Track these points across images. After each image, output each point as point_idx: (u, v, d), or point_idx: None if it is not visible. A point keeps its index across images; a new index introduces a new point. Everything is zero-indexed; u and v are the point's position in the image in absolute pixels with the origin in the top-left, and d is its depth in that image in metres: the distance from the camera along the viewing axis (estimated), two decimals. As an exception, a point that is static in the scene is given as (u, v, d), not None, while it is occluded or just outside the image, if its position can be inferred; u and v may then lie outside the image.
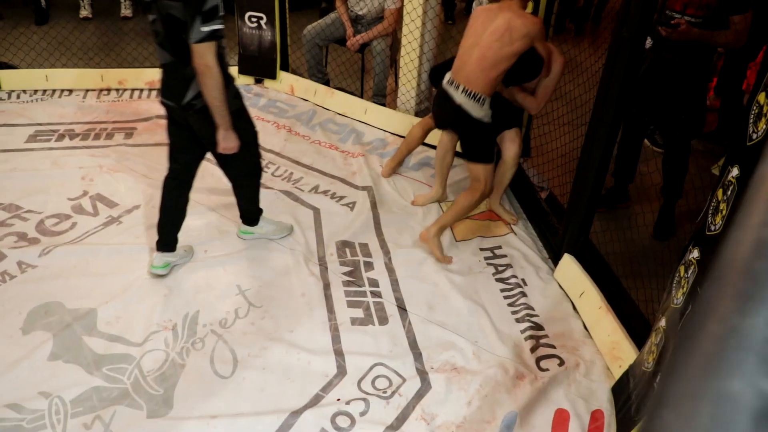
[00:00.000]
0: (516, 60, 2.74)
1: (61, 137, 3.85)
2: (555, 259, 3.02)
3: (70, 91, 4.37)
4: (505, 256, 3.13)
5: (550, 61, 2.90)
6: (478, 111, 2.84)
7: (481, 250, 3.16)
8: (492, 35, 2.75)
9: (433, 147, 3.84)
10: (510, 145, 3.22)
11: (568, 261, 2.87)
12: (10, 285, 2.73)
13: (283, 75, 4.58)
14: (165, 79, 2.40)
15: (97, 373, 2.33)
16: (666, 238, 3.26)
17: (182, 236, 2.89)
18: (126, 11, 5.66)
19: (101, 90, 4.42)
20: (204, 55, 2.20)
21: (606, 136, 2.54)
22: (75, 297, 2.68)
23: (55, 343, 2.43)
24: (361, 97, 4.38)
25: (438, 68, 3.64)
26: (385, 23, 4.24)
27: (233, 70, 4.50)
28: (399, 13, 4.13)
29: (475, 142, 2.97)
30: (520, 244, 3.21)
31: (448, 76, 2.94)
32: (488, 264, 3.07)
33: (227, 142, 2.43)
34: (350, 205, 3.41)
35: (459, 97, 2.85)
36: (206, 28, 2.15)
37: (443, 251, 3.07)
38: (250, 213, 3.02)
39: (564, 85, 3.21)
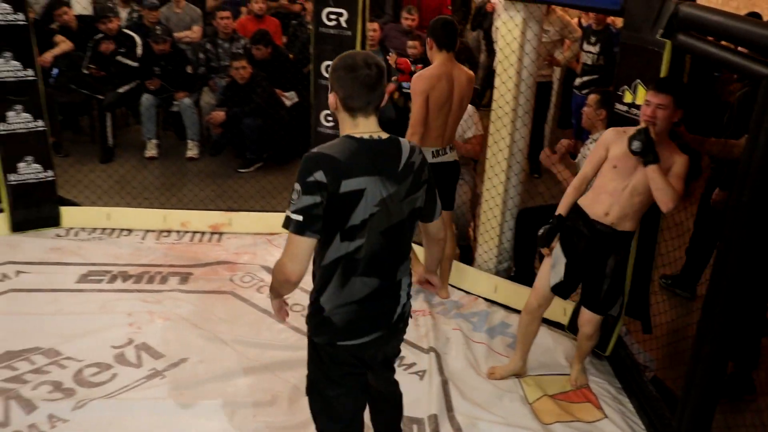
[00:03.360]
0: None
1: (113, 279, 3.98)
2: (668, 457, 2.77)
3: (130, 230, 4.57)
4: (600, 448, 2.91)
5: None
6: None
7: (571, 438, 2.96)
8: None
9: (515, 311, 3.77)
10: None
11: (683, 461, 2.61)
12: (37, 441, 2.70)
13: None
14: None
15: None
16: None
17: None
18: (192, 152, 6.04)
19: (162, 231, 4.61)
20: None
21: (726, 312, 2.40)
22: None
23: None
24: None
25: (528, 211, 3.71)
26: (471, 148, 4.30)
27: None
28: (483, 140, 4.22)
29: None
30: (618, 435, 2.98)
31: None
32: (580, 457, 2.85)
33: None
34: (419, 374, 3.29)
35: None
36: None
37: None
38: None
39: (671, 251, 3.13)
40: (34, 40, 4.25)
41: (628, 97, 3.20)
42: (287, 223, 1.92)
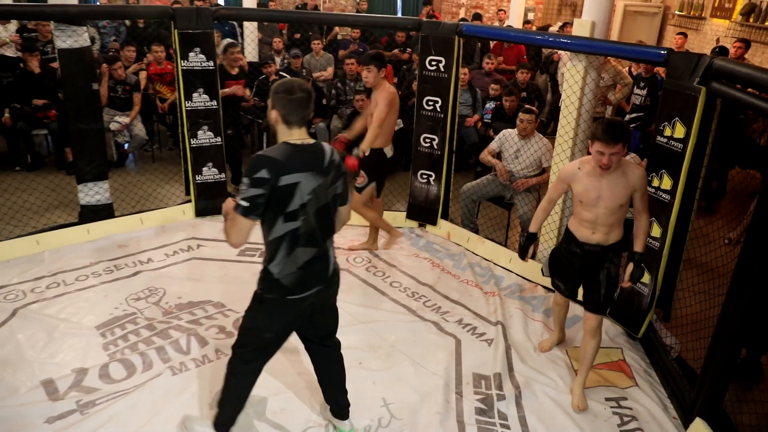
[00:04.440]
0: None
1: (262, 254, 4.17)
2: (685, 420, 2.68)
3: (276, 220, 4.81)
4: (630, 408, 2.84)
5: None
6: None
7: (607, 399, 2.90)
8: None
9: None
10: None
11: (700, 426, 2.52)
12: (208, 366, 2.94)
13: (442, 222, 4.72)
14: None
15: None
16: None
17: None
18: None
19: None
20: None
21: (745, 307, 2.29)
22: (256, 384, 2.78)
23: (233, 421, 2.52)
24: (506, 246, 4.38)
25: None
26: (540, 177, 4.30)
27: (400, 216, 4.80)
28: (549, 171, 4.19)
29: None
30: (646, 400, 2.90)
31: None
32: (613, 413, 2.80)
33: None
34: (488, 342, 3.32)
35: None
36: None
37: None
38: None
39: (699, 257, 3.01)
40: (217, 80, 4.54)
41: (667, 132, 3.10)
42: (236, 207, 2.00)
